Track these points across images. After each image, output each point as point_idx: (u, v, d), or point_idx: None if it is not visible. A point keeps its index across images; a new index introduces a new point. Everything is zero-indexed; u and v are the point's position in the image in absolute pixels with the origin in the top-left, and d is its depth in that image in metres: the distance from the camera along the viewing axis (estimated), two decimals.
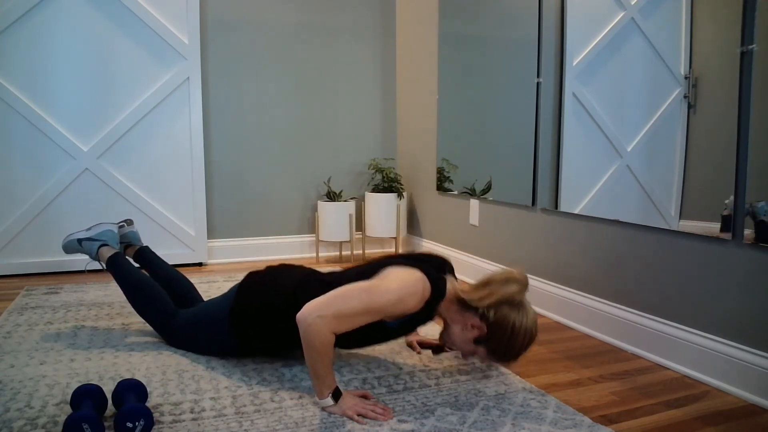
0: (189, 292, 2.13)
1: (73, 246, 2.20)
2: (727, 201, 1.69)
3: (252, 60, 3.50)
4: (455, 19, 3.13)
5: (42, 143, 3.05)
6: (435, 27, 3.34)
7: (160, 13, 3.18)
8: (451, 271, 1.76)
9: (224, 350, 1.85)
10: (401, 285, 1.51)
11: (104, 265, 2.11)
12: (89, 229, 2.23)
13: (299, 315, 1.46)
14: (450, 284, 1.63)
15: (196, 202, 3.35)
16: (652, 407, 1.59)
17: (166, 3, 3.18)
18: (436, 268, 1.64)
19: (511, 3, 2.65)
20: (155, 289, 1.99)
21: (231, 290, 1.84)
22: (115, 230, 2.24)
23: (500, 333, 1.54)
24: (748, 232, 1.63)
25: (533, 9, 2.48)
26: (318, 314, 1.44)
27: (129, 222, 2.36)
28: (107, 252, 2.12)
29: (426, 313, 1.60)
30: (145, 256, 2.27)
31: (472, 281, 3.04)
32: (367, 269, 1.64)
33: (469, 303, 1.58)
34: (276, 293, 1.72)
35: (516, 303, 1.56)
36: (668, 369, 1.87)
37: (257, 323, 1.74)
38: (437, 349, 1.85)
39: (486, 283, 1.60)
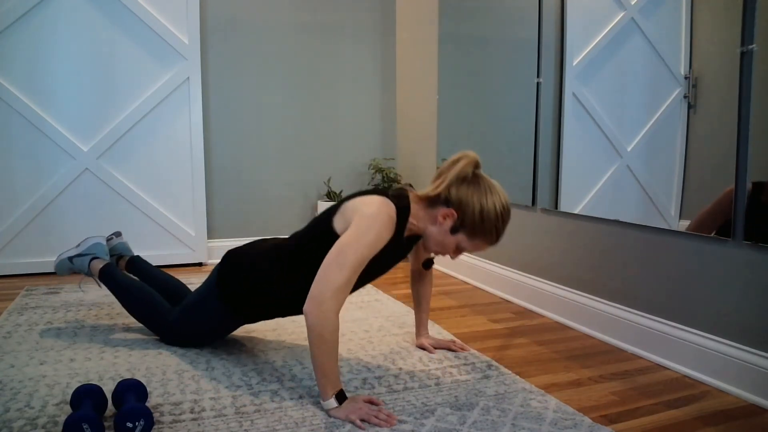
0: (182, 293, 2.14)
1: (64, 266, 2.21)
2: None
3: (252, 60, 3.50)
4: (455, 19, 3.12)
5: (42, 143, 3.05)
6: (435, 27, 3.34)
7: (160, 13, 3.18)
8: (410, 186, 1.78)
9: (220, 327, 1.88)
10: (369, 222, 1.51)
11: (97, 278, 2.13)
12: (78, 245, 2.25)
13: (305, 309, 1.47)
14: (411, 195, 1.65)
15: (196, 202, 3.35)
16: (652, 407, 1.59)
17: (166, 3, 3.18)
18: (395, 189, 1.67)
19: (511, 3, 2.65)
20: (149, 292, 2.02)
21: (213, 270, 1.89)
22: (104, 242, 2.26)
23: (470, 210, 1.55)
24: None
25: (533, 9, 2.48)
26: (320, 304, 1.45)
27: (117, 234, 2.39)
28: (99, 264, 2.14)
29: (400, 230, 1.62)
30: (137, 265, 2.30)
31: (472, 281, 3.04)
32: (329, 211, 1.67)
33: (430, 197, 1.61)
34: (257, 254, 1.80)
35: (471, 178, 1.58)
36: (668, 369, 1.87)
37: (244, 285, 1.78)
38: (427, 263, 1.86)
39: (438, 174, 1.63)
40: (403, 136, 3.83)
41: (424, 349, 1.97)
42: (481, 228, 1.57)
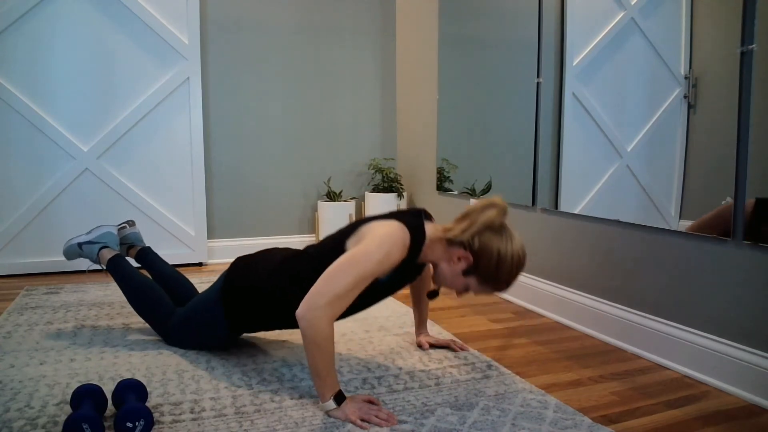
0: (189, 293, 2.13)
1: (73, 251, 2.20)
2: (723, 202, 1.68)
3: (252, 60, 3.50)
4: (455, 20, 3.12)
5: (42, 143, 3.05)
6: (435, 27, 3.34)
7: (160, 13, 3.18)
8: (429, 217, 1.77)
9: (220, 337, 1.87)
10: (381, 240, 1.50)
11: (105, 268, 2.11)
12: (89, 232, 2.23)
13: (298, 314, 1.46)
14: (430, 226, 1.65)
15: (196, 202, 3.35)
16: (652, 407, 1.59)
17: (166, 3, 3.18)
18: (412, 216, 1.65)
19: (511, 3, 2.65)
20: (155, 290, 2.00)
21: (219, 277, 1.87)
22: (115, 232, 2.24)
23: (486, 258, 1.55)
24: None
25: (533, 9, 2.48)
26: (314, 307, 1.44)
27: (131, 223, 2.36)
28: (108, 254, 2.13)
29: (412, 259, 1.61)
30: (147, 257, 2.27)
31: None
32: (345, 231, 1.66)
33: (452, 238, 1.59)
34: (264, 268, 1.76)
35: (497, 227, 1.57)
36: (668, 369, 1.87)
37: (248, 299, 1.76)
38: (432, 294, 1.84)
39: (466, 215, 1.62)
40: (403, 136, 3.83)
41: (420, 346, 1.97)
42: (494, 277, 1.56)
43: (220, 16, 3.41)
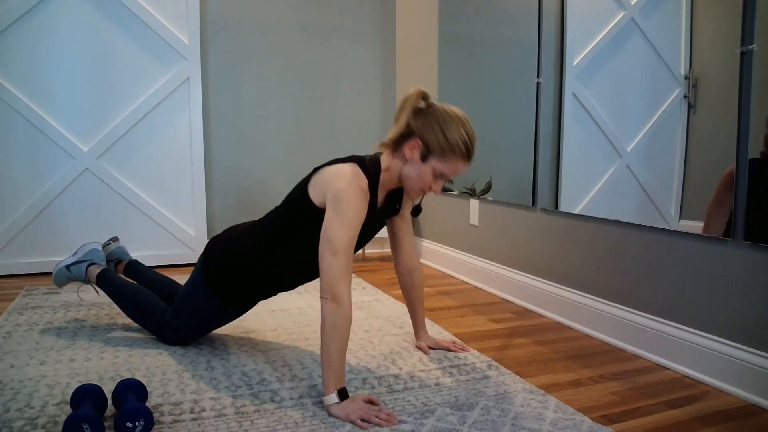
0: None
1: (62, 274, 2.22)
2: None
3: (252, 60, 3.50)
4: (455, 19, 3.13)
5: (42, 143, 3.05)
6: (435, 27, 3.34)
7: (160, 13, 3.18)
8: None
9: (213, 316, 1.90)
10: (343, 199, 1.52)
11: (95, 285, 2.15)
12: (74, 253, 2.25)
13: (323, 301, 1.50)
14: (383, 155, 1.67)
15: (196, 202, 3.35)
16: (652, 407, 1.59)
17: (166, 3, 3.18)
18: (368, 155, 1.68)
19: (511, 3, 2.65)
20: (146, 295, 2.04)
21: (198, 260, 1.93)
22: (100, 248, 2.27)
23: (431, 130, 1.57)
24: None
25: (533, 9, 2.48)
26: (331, 295, 1.48)
27: (115, 239, 2.41)
28: (96, 270, 2.16)
29: (374, 196, 1.64)
30: (135, 268, 2.31)
31: (472, 281, 3.04)
32: (301, 182, 1.69)
33: (394, 140, 1.63)
34: (237, 234, 1.84)
35: (425, 108, 1.61)
36: (668, 369, 1.87)
37: (229, 266, 1.81)
38: (416, 210, 1.88)
39: (395, 120, 1.65)
40: None
41: (421, 350, 1.97)
42: (449, 144, 1.57)
43: (220, 16, 3.41)
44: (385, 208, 1.78)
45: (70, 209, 3.13)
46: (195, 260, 3.37)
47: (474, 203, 3.01)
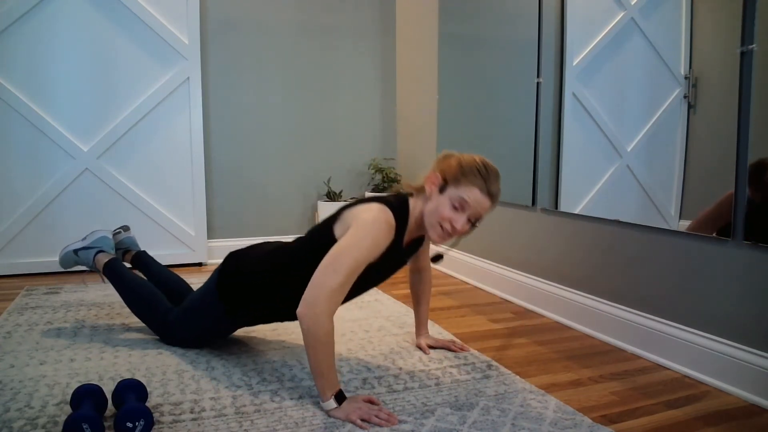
0: (185, 292, 2.14)
1: (69, 258, 2.21)
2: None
3: (252, 60, 3.50)
4: (455, 19, 3.12)
5: (42, 143, 3.05)
6: (435, 27, 3.34)
7: (160, 13, 3.18)
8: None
9: (218, 329, 1.89)
10: (368, 227, 1.52)
11: (101, 273, 2.13)
12: (84, 238, 2.24)
13: (299, 312, 1.47)
14: (412, 201, 1.68)
15: (196, 202, 3.35)
16: (652, 407, 1.59)
17: (166, 3, 3.18)
18: (396, 197, 1.68)
19: (511, 3, 2.65)
20: (151, 291, 2.02)
21: (214, 271, 1.89)
22: (110, 236, 2.25)
23: (450, 166, 1.61)
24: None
25: (533, 9, 2.48)
26: (313, 307, 1.45)
27: (125, 228, 2.39)
28: (104, 258, 2.14)
29: (400, 237, 1.63)
30: (142, 260, 2.30)
31: (472, 281, 3.04)
32: (329, 218, 1.69)
33: (420, 185, 1.65)
34: (255, 259, 1.80)
35: (447, 154, 1.66)
36: (668, 369, 1.87)
37: (242, 289, 1.78)
38: (436, 258, 1.87)
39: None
40: (403, 136, 3.83)
41: (421, 349, 1.97)
42: (462, 170, 1.59)
43: (220, 16, 3.41)
44: (407, 250, 1.76)
45: (70, 209, 3.13)
46: (195, 260, 3.38)
47: None
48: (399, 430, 1.42)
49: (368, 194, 3.58)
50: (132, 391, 1.46)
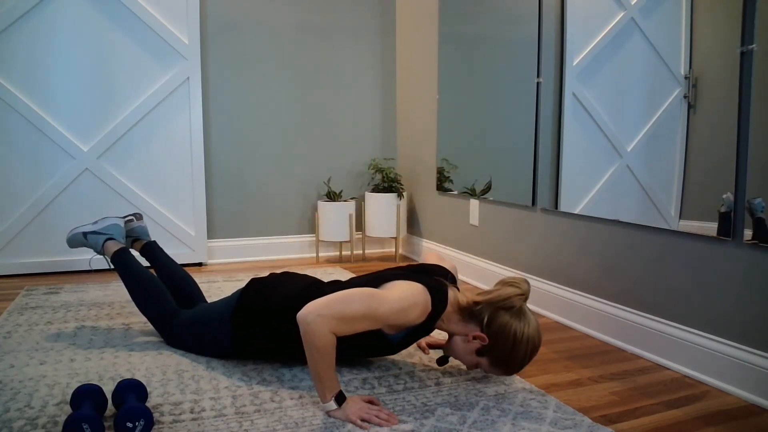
0: (192, 291, 2.13)
1: (77, 239, 2.16)
2: (723, 196, 1.69)
3: (252, 60, 3.50)
4: (455, 19, 3.12)
5: (42, 143, 3.05)
6: (435, 27, 3.34)
7: (160, 13, 3.18)
8: (453, 281, 1.76)
9: (223, 352, 1.85)
10: (403, 296, 1.52)
11: (109, 260, 2.10)
12: (95, 222, 2.19)
13: (300, 314, 1.46)
14: (452, 294, 1.64)
15: (196, 202, 3.35)
16: (652, 407, 1.59)
17: (166, 3, 3.18)
18: (438, 282, 1.64)
19: (511, 3, 2.65)
20: (158, 288, 1.99)
21: (233, 295, 1.84)
22: (122, 224, 2.21)
23: (502, 343, 1.55)
24: (748, 233, 1.63)
25: (533, 9, 2.48)
26: (318, 313, 1.44)
27: (138, 216, 2.34)
28: (113, 246, 2.10)
29: (426, 326, 1.61)
30: (152, 251, 2.26)
31: (472, 281, 3.04)
32: (371, 279, 1.65)
33: (470, 308, 1.60)
34: (279, 299, 1.73)
35: (515, 309, 1.56)
36: (668, 369, 1.87)
37: (259, 328, 1.74)
38: (442, 360, 1.78)
39: (487, 292, 1.62)
40: (403, 136, 3.83)
41: (421, 348, 1.96)
42: (507, 362, 1.57)
43: (220, 16, 3.41)
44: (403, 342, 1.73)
45: (70, 209, 3.13)
46: (195, 260, 3.38)
47: (474, 203, 3.01)
48: (399, 430, 1.42)
49: (368, 194, 3.58)
50: (132, 391, 1.46)
